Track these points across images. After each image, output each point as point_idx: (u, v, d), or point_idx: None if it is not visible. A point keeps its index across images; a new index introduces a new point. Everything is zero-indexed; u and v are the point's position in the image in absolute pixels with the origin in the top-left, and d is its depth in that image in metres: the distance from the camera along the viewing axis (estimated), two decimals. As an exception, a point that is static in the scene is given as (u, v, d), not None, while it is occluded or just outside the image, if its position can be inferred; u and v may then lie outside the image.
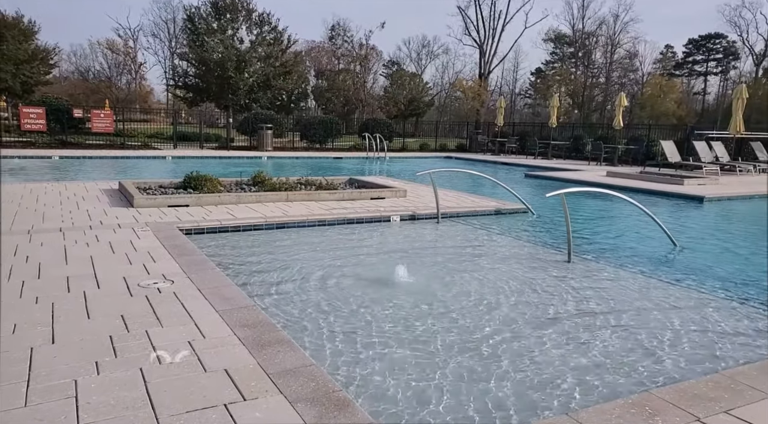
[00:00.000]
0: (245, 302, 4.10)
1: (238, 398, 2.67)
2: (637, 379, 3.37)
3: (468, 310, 4.54)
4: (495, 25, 44.84)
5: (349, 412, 2.56)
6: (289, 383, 2.83)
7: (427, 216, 8.53)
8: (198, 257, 5.38)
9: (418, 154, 26.49)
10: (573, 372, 3.43)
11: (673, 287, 5.39)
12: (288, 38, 34.83)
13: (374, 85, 55.70)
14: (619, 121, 20.73)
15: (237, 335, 3.44)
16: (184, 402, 2.61)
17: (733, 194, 12.09)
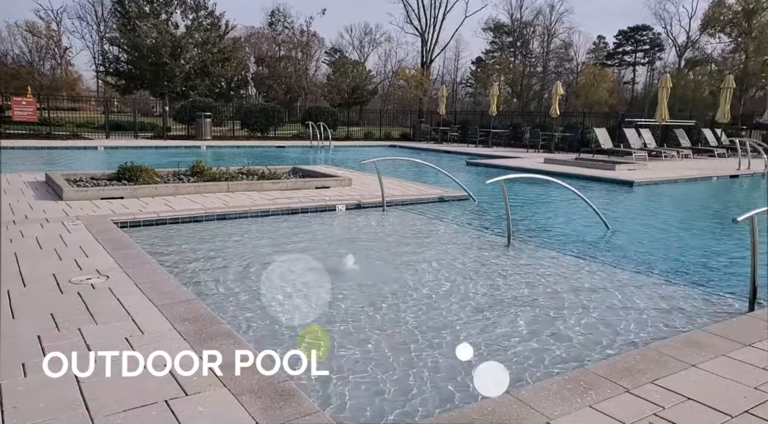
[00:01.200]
0: (186, 295, 3.98)
1: (180, 393, 2.60)
2: (574, 355, 3.52)
3: (411, 295, 4.60)
4: (436, 13, 45.22)
5: (295, 402, 2.54)
6: (233, 376, 2.77)
7: (372, 205, 8.55)
8: (134, 250, 5.18)
9: (362, 142, 26.45)
10: (513, 350, 3.55)
11: (606, 268, 5.67)
12: (226, 24, 33.81)
13: (317, 73, 55.06)
14: (556, 109, 21.44)
15: (177, 329, 3.34)
16: (122, 401, 2.51)
17: (659, 179, 12.79)
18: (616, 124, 20.96)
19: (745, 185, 13.45)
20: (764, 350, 3.28)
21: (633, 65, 56.87)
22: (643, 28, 53.67)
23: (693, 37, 43.76)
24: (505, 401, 2.62)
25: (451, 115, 30.83)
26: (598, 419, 2.49)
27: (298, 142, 24.30)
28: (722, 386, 2.83)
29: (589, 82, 43.49)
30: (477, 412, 2.52)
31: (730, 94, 19.23)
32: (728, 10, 34.41)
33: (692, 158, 18.24)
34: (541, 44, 55.04)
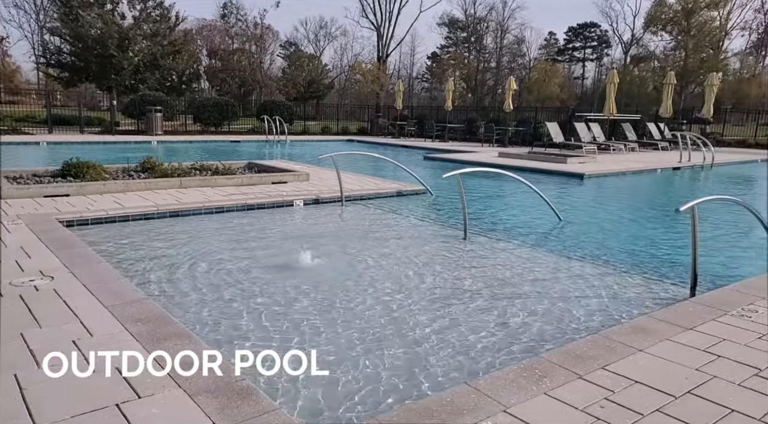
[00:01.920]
0: (137, 295, 3.86)
1: (132, 396, 2.52)
2: (529, 343, 3.62)
3: (369, 289, 4.61)
4: (391, 8, 45.26)
5: (253, 400, 2.51)
6: (188, 376, 2.71)
7: (331, 199, 8.50)
8: (82, 250, 4.98)
9: (319, 137, 26.25)
10: (469, 340, 3.61)
11: (558, 258, 5.83)
12: (176, 15, 32.74)
13: (272, 67, 54.21)
14: (509, 104, 21.86)
15: (129, 330, 3.23)
16: (69, 407, 2.42)
17: (608, 171, 13.24)
18: (566, 118, 21.56)
19: (687, 177, 14.09)
20: (705, 333, 3.45)
21: (582, 61, 58.58)
22: (592, 25, 55.34)
23: (637, 35, 45.47)
24: (463, 391, 2.67)
25: (408, 110, 30.98)
26: (552, 405, 2.56)
27: (253, 136, 23.88)
28: (667, 368, 2.97)
29: (541, 77, 44.55)
30: (436, 403, 2.55)
31: (671, 89, 20.09)
32: (669, 9, 35.90)
33: (638, 151, 18.96)
34: (494, 40, 55.95)
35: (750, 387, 2.77)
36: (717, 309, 3.86)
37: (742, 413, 2.52)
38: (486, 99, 52.45)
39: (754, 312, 3.81)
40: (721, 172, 14.84)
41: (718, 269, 5.51)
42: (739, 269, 5.50)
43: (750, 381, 2.83)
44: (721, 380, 2.84)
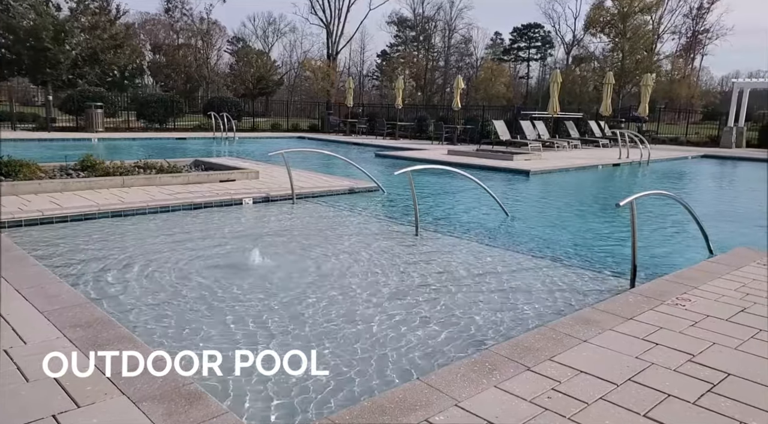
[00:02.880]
0: (77, 299, 3.68)
1: (71, 406, 2.40)
2: (479, 337, 3.69)
3: (320, 287, 4.58)
4: (340, 5, 45.01)
5: (201, 404, 2.44)
6: (132, 382, 2.61)
7: (281, 197, 8.38)
8: (14, 253, 4.70)
9: (269, 134, 25.83)
10: (421, 335, 3.64)
11: (506, 252, 5.97)
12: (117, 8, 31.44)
13: (219, 62, 52.97)
14: (458, 102, 22.19)
15: (68, 336, 3.08)
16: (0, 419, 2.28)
17: (552, 168, 13.67)
18: (513, 116, 22.10)
19: (626, 173, 14.73)
20: (643, 322, 3.62)
21: (527, 61, 60.15)
22: (535, 26, 56.91)
23: (578, 36, 47.14)
24: (416, 386, 2.69)
25: (359, 108, 30.95)
26: (502, 397, 2.62)
27: (200, 133, 23.24)
28: (609, 357, 3.09)
29: (487, 76, 45.38)
30: (388, 400, 2.56)
31: (610, 89, 20.93)
32: (606, 12, 37.37)
33: (581, 148, 19.66)
34: (442, 39, 56.64)
35: (685, 372, 2.92)
36: (654, 299, 4.05)
37: (678, 398, 2.66)
38: (435, 97, 53.04)
39: (688, 301, 4.02)
40: (656, 168, 15.60)
41: (655, 260, 5.79)
42: (674, 260, 5.79)
43: (685, 367, 2.99)
44: (658, 367, 2.98)
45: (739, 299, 4.09)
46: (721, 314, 3.77)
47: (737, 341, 3.33)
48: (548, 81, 22.49)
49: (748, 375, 2.90)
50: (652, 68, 34.85)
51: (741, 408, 2.56)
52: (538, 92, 52.19)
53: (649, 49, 38.91)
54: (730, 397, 2.66)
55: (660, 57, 41.85)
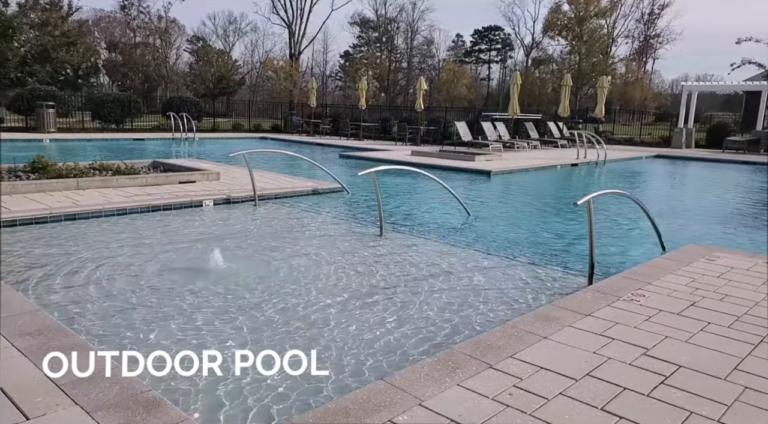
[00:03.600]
0: (27, 306, 3.54)
1: (19, 418, 2.30)
2: (443, 336, 3.72)
3: (285, 288, 4.53)
4: (303, 5, 44.67)
5: (160, 412, 2.38)
6: (87, 391, 2.52)
7: (243, 199, 8.26)
8: (-41, 260, 4.48)
9: (231, 134, 25.41)
10: (386, 335, 3.65)
11: (469, 251, 6.05)
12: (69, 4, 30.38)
13: (178, 62, 51.79)
14: (420, 104, 22.35)
15: (16, 345, 2.95)
16: (-54, 435, 2.17)
17: (513, 168, 13.92)
18: (474, 118, 22.41)
19: (583, 172, 15.13)
20: (601, 318, 3.72)
21: (488, 63, 61.01)
22: (496, 28, 57.78)
23: (537, 39, 48.12)
24: (380, 387, 2.69)
25: (323, 108, 30.80)
26: (465, 395, 2.65)
27: (159, 134, 22.67)
28: (568, 353, 3.17)
29: (449, 78, 45.82)
30: (352, 401, 2.55)
31: (568, 91, 21.46)
32: (563, 16, 38.33)
33: (540, 149, 20.08)
34: (405, 40, 56.89)
35: (639, 366, 3.02)
36: (611, 295, 4.17)
37: (632, 390, 2.74)
38: (398, 98, 53.25)
39: (642, 296, 4.16)
40: (612, 168, 16.08)
41: (612, 257, 5.96)
42: (629, 257, 5.98)
43: (639, 360, 3.09)
44: (615, 361, 3.07)
45: (690, 293, 4.26)
46: (673, 309, 3.91)
47: (688, 334, 3.46)
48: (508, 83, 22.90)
49: (697, 366, 3.02)
50: (607, 71, 35.94)
51: (690, 398, 2.67)
52: (498, 94, 53.05)
53: (604, 52, 40.09)
54: (681, 388, 2.77)
55: (615, 60, 43.18)
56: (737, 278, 4.69)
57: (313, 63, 60.05)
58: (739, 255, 5.53)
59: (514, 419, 2.45)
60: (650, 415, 2.51)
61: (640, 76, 44.44)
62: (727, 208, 10.06)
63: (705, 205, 10.39)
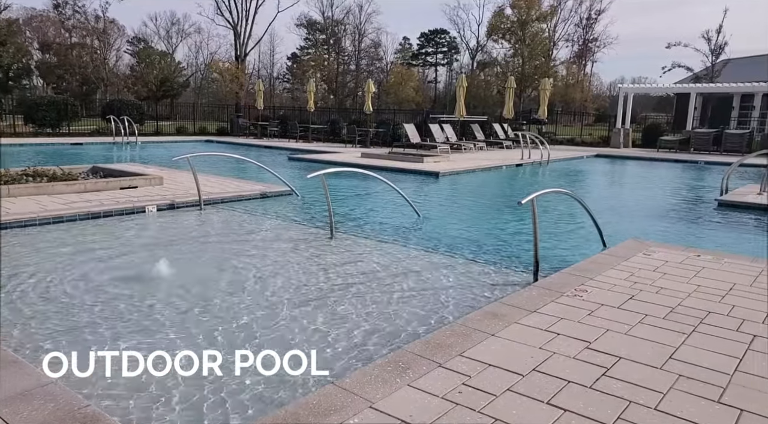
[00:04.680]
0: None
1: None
2: (394, 337, 3.73)
3: (234, 295, 4.43)
4: (248, 6, 43.88)
5: (100, 429, 2.28)
6: (18, 409, 2.38)
7: (188, 204, 8.03)
8: None
9: (175, 138, 24.65)
10: (336, 338, 3.63)
11: (418, 252, 6.11)
12: (-5, 1, 28.69)
13: (118, 63, 49.81)
14: (369, 106, 22.39)
15: (-61, 367, 2.76)
16: None
17: (461, 169, 14.15)
18: (422, 120, 22.64)
19: (528, 172, 15.56)
20: (546, 314, 3.83)
21: (435, 66, 61.86)
22: (441, 31, 58.65)
23: (482, 42, 49.16)
24: (330, 391, 2.67)
25: (270, 111, 30.38)
26: (415, 396, 2.66)
27: (98, 138, 21.72)
28: (515, 350, 3.24)
29: (397, 80, 46.16)
30: (302, 407, 2.52)
31: (512, 93, 22.03)
32: (507, 20, 39.34)
33: (486, 150, 20.51)
34: (353, 43, 56.91)
35: (582, 359, 3.13)
36: (555, 291, 4.30)
37: (576, 383, 2.84)
38: (347, 101, 53.17)
39: (585, 292, 4.32)
40: (555, 167, 16.62)
41: (556, 254, 6.15)
42: (572, 254, 6.19)
43: (582, 354, 3.20)
44: (559, 356, 3.17)
45: (629, 287, 4.45)
46: (614, 303, 4.08)
47: (627, 327, 3.62)
48: (455, 85, 23.26)
49: (636, 357, 3.15)
50: (549, 73, 37.13)
51: (630, 388, 2.79)
52: (445, 96, 53.85)
53: (546, 55, 41.38)
54: (621, 379, 2.89)
55: (556, 63, 44.63)
56: (671, 271, 4.94)
57: (260, 65, 59.17)
58: (673, 249, 5.83)
59: (463, 417, 2.48)
60: (593, 406, 2.60)
61: (580, 78, 46.18)
62: (661, 205, 10.59)
63: (642, 202, 10.90)
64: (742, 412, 2.58)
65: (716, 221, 8.63)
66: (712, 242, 7.17)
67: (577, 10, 44.75)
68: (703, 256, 5.51)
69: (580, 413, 2.54)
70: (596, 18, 45.50)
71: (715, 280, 4.67)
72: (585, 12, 45.20)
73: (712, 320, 3.76)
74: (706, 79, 34.38)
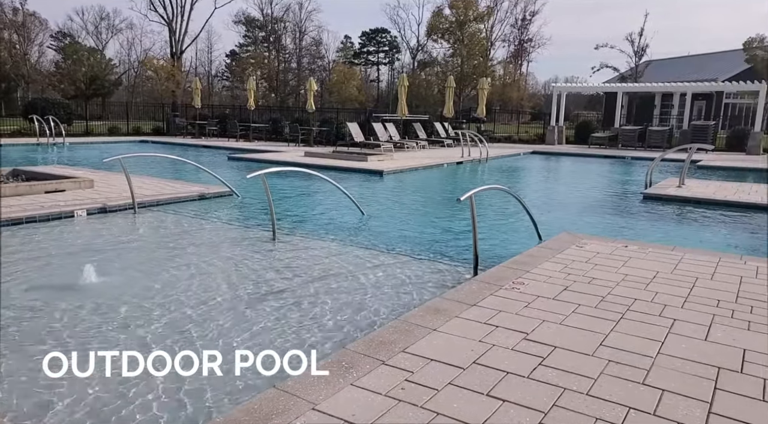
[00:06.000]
0: None
1: None
2: (339, 337, 3.73)
3: (175, 300, 4.29)
4: (183, 2, 42.50)
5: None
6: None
7: (121, 207, 7.70)
8: None
9: (107, 138, 23.55)
10: (279, 341, 3.59)
11: (363, 251, 6.12)
12: None
13: (41, 60, 47.05)
14: (311, 104, 22.22)
15: None
16: None
17: (404, 167, 14.29)
18: (365, 119, 22.71)
19: (468, 170, 15.91)
20: (485, 307, 3.94)
21: (377, 65, 62.09)
22: (383, 30, 58.94)
23: (422, 42, 49.78)
24: (272, 395, 2.64)
25: (209, 109, 29.56)
26: (358, 395, 2.67)
27: (21, 139, 20.44)
28: (456, 343, 3.31)
29: (340, 79, 46.00)
30: (243, 412, 2.48)
31: (452, 92, 22.46)
32: (445, 20, 40.01)
33: (428, 148, 20.81)
34: (293, 41, 56.23)
35: (520, 350, 3.24)
36: (494, 285, 4.43)
37: (515, 374, 2.93)
38: (289, 99, 52.50)
39: (522, 284, 4.47)
40: (494, 164, 17.07)
41: (495, 248, 6.33)
42: (510, 248, 6.39)
43: (520, 345, 3.31)
44: (498, 348, 3.26)
45: (563, 278, 4.64)
46: (549, 294, 4.24)
47: (562, 317, 3.77)
48: (397, 84, 23.44)
49: (569, 346, 3.30)
50: (487, 73, 38.08)
51: (564, 376, 2.91)
52: (388, 95, 54.15)
53: (484, 55, 42.36)
54: (556, 367, 3.01)
55: (494, 63, 45.83)
56: (602, 262, 5.19)
57: (197, 62, 57.47)
58: (603, 241, 6.12)
59: (405, 414, 2.52)
60: (530, 395, 2.70)
61: (516, 78, 47.66)
62: (592, 199, 11.09)
63: (575, 197, 11.37)
64: (663, 391, 2.75)
65: (642, 213, 9.13)
66: (639, 232, 7.59)
67: (513, 11, 46.24)
68: (630, 246, 5.82)
69: (518, 403, 2.62)
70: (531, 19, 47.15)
71: (640, 269, 4.95)
72: (520, 13, 46.74)
73: (638, 306, 3.98)
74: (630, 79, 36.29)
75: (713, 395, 2.73)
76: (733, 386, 2.82)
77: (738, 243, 6.99)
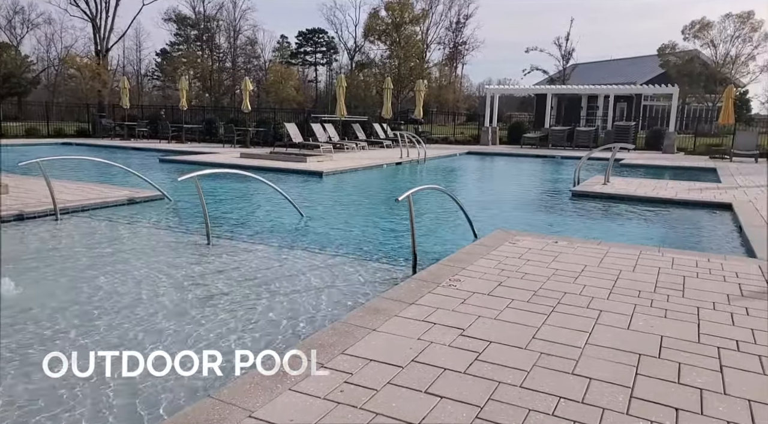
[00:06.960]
0: None
1: None
2: (277, 342, 3.66)
3: (104, 312, 4.08)
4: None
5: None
6: None
7: (41, 214, 7.24)
8: None
9: (24, 141, 22.06)
10: (214, 348, 3.48)
11: (301, 253, 6.05)
12: None
13: (-54, 56, 43.37)
14: (247, 105, 21.75)
15: None
16: None
17: (344, 168, 14.26)
18: (304, 119, 22.48)
19: (407, 170, 16.09)
20: (423, 305, 3.99)
21: (314, 65, 61.65)
22: (320, 31, 58.61)
23: (359, 43, 49.89)
24: (206, 404, 2.56)
25: (138, 110, 28.33)
26: (297, 400, 2.64)
27: (-77, 142, 18.79)
28: (395, 342, 3.34)
29: (277, 79, 45.27)
30: (176, 423, 2.39)
31: (390, 93, 22.65)
32: (382, 21, 40.30)
33: (368, 149, 20.86)
34: (227, 40, 54.84)
35: (457, 346, 3.31)
36: (432, 282, 4.50)
37: (452, 370, 2.99)
38: (224, 99, 51.13)
39: (458, 281, 4.56)
40: (432, 165, 17.35)
41: (433, 247, 6.43)
42: (447, 246, 6.51)
43: (457, 341, 3.38)
44: (436, 345, 3.31)
45: (497, 274, 4.78)
46: (484, 290, 4.35)
47: (496, 312, 3.88)
48: (335, 85, 23.36)
49: (504, 340, 3.39)
50: (423, 75, 38.60)
51: (499, 370, 2.99)
52: (327, 96, 53.86)
53: (420, 57, 42.95)
54: (491, 362, 3.09)
55: (430, 65, 46.57)
56: (533, 257, 5.38)
57: (125, 61, 54.95)
58: (535, 237, 6.35)
59: (345, 415, 2.51)
60: (467, 390, 2.76)
61: (452, 80, 48.65)
62: (525, 197, 11.49)
63: (508, 195, 11.75)
64: (591, 380, 2.89)
65: (570, 210, 9.56)
66: (568, 228, 7.93)
67: (447, 14, 47.16)
68: (560, 242, 6.07)
69: (455, 399, 2.67)
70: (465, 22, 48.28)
71: (569, 263, 5.17)
72: (454, 16, 47.75)
73: (568, 299, 4.16)
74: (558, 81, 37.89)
75: (634, 381, 2.89)
76: (652, 371, 3.00)
77: (656, 235, 7.45)
